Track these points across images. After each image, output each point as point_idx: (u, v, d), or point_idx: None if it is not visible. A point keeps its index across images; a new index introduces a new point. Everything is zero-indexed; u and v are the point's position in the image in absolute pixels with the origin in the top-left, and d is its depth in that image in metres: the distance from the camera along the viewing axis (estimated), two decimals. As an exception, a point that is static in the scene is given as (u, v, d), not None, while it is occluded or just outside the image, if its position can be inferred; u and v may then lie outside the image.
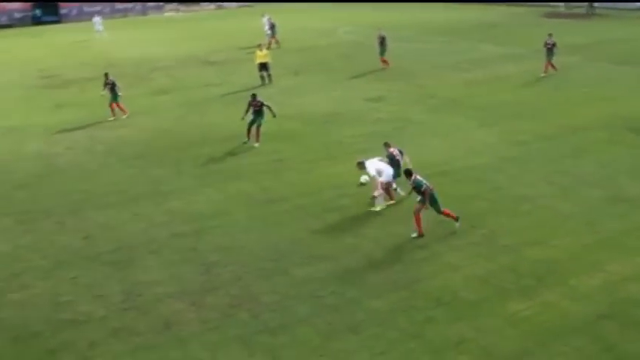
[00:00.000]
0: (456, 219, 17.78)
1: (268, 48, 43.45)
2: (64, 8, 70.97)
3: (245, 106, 25.89)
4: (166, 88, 36.96)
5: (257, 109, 25.62)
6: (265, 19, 49.35)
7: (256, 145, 25.55)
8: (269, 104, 25.87)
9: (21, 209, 20.86)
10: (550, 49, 35.29)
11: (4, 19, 68.83)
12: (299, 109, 30.89)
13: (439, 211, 17.64)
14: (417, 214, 17.49)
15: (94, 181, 23.01)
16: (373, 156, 19.91)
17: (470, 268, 15.95)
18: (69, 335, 14.06)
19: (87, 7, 71.48)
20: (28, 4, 69.42)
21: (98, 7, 72.21)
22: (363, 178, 19.16)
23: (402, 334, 13.57)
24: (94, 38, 57.25)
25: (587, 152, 23.66)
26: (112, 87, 30.59)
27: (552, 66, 35.47)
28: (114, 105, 30.82)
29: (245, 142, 25.81)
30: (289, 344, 13.43)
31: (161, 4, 76.37)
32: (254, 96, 25.87)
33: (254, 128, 25.72)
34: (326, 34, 53.51)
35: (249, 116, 25.82)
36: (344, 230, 18.32)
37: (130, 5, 74.43)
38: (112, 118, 30.64)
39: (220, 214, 19.75)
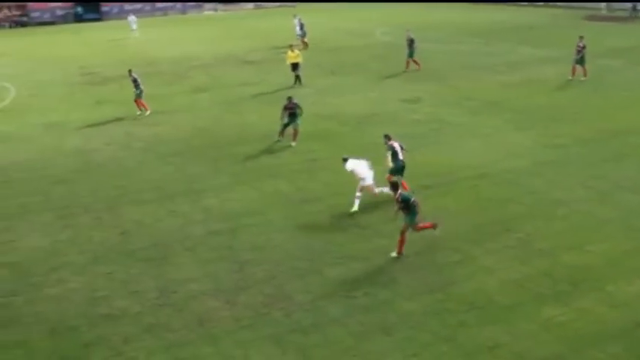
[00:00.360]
0: (434, 226, 17.33)
1: (304, 48, 43.73)
2: (105, 6, 71.92)
3: (281, 110, 25.90)
4: (204, 87, 37.27)
5: (292, 111, 25.68)
6: (296, 20, 49.37)
7: (293, 144, 25.66)
8: (300, 106, 25.89)
9: (60, 204, 21.21)
10: (580, 51, 34.71)
11: (47, 17, 70.08)
12: (335, 109, 30.91)
13: (414, 226, 16.84)
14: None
15: (132, 178, 23.29)
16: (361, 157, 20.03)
17: (505, 272, 15.82)
18: (104, 330, 14.26)
19: (127, 6, 72.34)
20: (70, 2, 70.50)
21: (139, 5, 73.07)
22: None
23: (435, 337, 13.51)
24: (131, 37, 57.90)
25: (628, 157, 23.28)
26: (134, 83, 31.19)
27: (573, 71, 34.79)
28: (139, 101, 31.54)
29: (278, 141, 25.95)
30: (322, 344, 13.46)
31: (201, 2, 76.96)
32: (290, 98, 25.90)
33: (290, 129, 25.87)
34: (362, 35, 53.47)
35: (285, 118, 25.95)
36: (377, 231, 18.27)
37: (170, 4, 75.16)
38: (148, 113, 31.33)
39: (255, 213, 19.85)
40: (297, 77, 36.19)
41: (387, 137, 20.65)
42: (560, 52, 41.70)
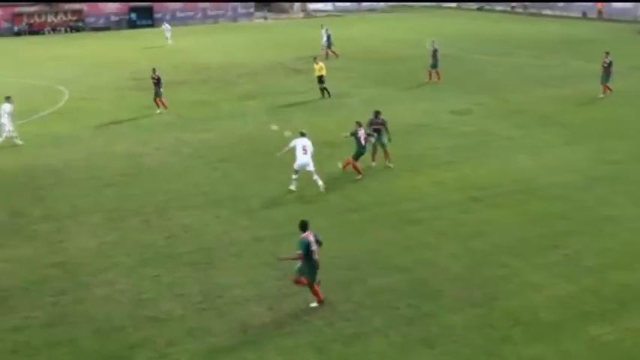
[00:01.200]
0: (320, 301, 15.07)
1: (336, 57, 44.42)
2: (158, 12, 73.08)
3: (367, 125, 24.05)
4: (252, 94, 37.52)
5: (377, 127, 23.64)
6: (323, 30, 49.37)
7: (391, 165, 23.97)
8: (387, 124, 24.00)
9: (109, 207, 21.57)
10: (606, 68, 33.95)
11: (101, 22, 71.47)
12: (382, 119, 30.79)
13: (311, 283, 15.05)
14: (301, 283, 15.20)
15: (180, 182, 23.58)
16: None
17: (551, 289, 15.60)
18: (149, 332, 14.44)
19: (180, 12, 73.53)
20: (125, 8, 71.81)
21: (191, 12, 74.23)
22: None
23: (477, 351, 13.37)
24: (165, 45, 58.31)
25: (682, 175, 22.77)
26: (156, 82, 32.99)
27: (608, 88, 34.09)
28: (157, 100, 33.26)
29: (371, 166, 24.13)
30: (363, 355, 13.42)
31: (251, 10, 77.61)
32: (377, 113, 23.84)
33: (379, 148, 23.97)
34: (412, 46, 53.19)
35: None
36: (422, 243, 18.19)
37: (221, 12, 76.00)
38: (158, 111, 33.08)
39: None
40: (325, 89, 35.65)
41: (359, 124, 23.04)
42: (614, 67, 40.95)
